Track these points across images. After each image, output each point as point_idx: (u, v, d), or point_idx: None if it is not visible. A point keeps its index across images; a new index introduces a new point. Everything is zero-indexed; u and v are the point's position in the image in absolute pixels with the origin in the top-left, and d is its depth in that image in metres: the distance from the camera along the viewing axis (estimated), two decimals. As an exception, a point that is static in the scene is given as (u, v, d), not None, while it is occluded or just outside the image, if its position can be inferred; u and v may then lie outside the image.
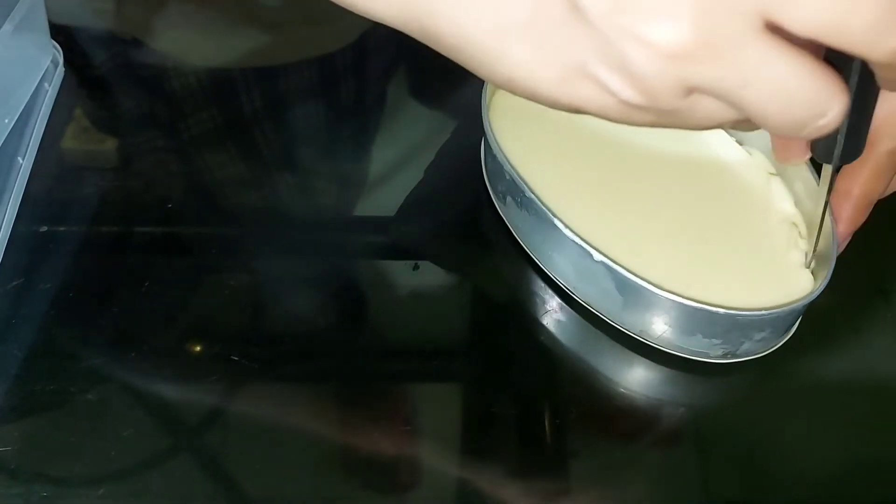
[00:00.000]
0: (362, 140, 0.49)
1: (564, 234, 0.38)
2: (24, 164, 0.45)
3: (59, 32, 0.51)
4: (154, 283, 0.42)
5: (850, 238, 0.39)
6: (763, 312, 0.36)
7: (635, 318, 0.38)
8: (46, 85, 0.49)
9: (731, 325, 0.37)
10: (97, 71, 0.52)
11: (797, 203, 0.42)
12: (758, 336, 0.38)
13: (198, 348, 0.40)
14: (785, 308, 0.36)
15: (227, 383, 0.38)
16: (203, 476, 0.36)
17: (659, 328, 0.38)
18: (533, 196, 0.39)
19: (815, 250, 0.39)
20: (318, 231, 0.45)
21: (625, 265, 0.37)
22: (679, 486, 0.36)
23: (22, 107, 0.47)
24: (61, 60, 0.50)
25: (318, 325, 0.40)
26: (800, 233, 0.41)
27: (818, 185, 0.39)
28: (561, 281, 0.41)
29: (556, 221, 0.38)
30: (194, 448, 0.37)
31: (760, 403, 0.39)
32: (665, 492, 0.36)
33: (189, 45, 0.54)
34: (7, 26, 0.44)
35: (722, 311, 0.36)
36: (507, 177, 0.40)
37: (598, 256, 0.37)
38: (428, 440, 0.37)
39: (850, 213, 0.39)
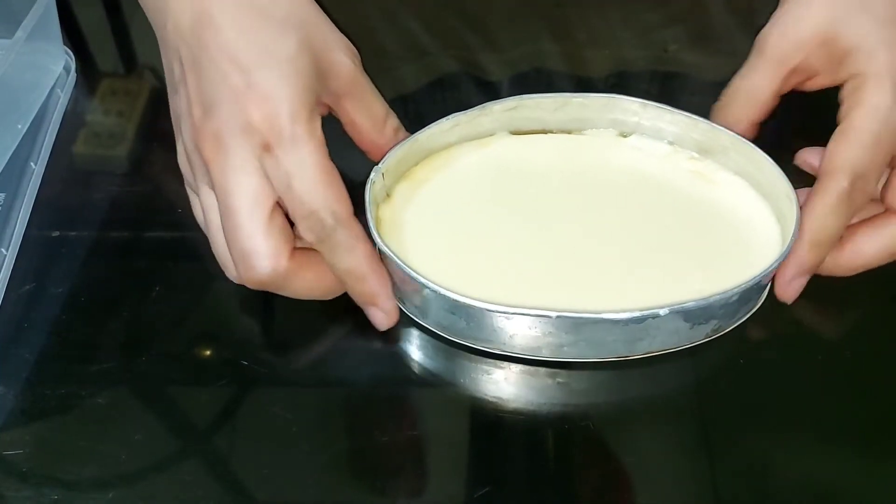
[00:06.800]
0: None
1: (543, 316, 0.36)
2: (37, 168, 0.46)
3: (72, 39, 0.52)
4: (164, 287, 0.42)
5: (801, 282, 0.38)
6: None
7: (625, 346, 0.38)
8: (59, 91, 0.50)
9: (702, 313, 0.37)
10: (109, 77, 0.53)
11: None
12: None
13: (207, 353, 0.40)
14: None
15: (237, 388, 0.39)
16: (212, 480, 0.36)
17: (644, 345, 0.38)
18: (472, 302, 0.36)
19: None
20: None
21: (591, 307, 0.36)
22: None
23: (34, 112, 0.48)
24: (73, 67, 0.51)
25: (327, 329, 0.41)
26: None
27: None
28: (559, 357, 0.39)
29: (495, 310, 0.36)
30: (203, 452, 0.37)
31: (769, 409, 0.39)
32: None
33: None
34: (20, 33, 0.45)
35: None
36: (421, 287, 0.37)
37: (553, 314, 0.36)
38: (436, 445, 0.37)
39: (797, 257, 0.38)
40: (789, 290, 0.39)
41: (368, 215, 0.38)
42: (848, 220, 0.38)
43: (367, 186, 0.39)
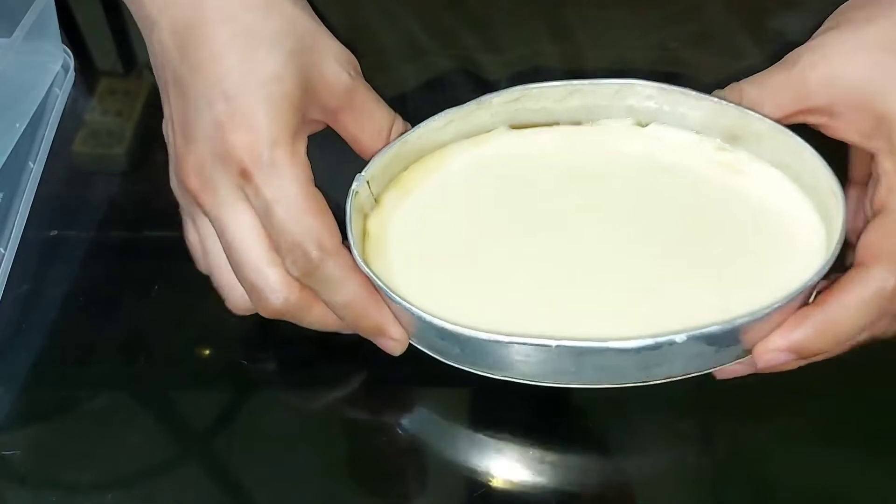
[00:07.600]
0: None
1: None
2: (35, 168, 0.46)
3: (71, 38, 0.51)
4: (163, 288, 0.42)
5: (787, 357, 0.32)
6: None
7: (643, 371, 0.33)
8: (57, 90, 0.49)
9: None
10: (108, 76, 0.52)
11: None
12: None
13: (206, 354, 0.40)
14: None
15: (236, 389, 0.39)
16: (211, 482, 0.36)
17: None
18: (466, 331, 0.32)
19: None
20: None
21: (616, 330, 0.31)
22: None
23: (33, 111, 0.48)
24: (72, 65, 0.51)
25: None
26: None
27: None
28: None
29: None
30: (202, 454, 0.37)
31: (770, 410, 0.39)
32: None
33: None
34: (18, 32, 0.45)
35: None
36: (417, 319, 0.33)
37: (554, 343, 0.31)
38: (435, 447, 0.37)
39: (799, 335, 0.32)
40: (767, 357, 0.33)
41: (349, 230, 0.34)
42: (877, 320, 0.32)
43: (349, 197, 0.35)
